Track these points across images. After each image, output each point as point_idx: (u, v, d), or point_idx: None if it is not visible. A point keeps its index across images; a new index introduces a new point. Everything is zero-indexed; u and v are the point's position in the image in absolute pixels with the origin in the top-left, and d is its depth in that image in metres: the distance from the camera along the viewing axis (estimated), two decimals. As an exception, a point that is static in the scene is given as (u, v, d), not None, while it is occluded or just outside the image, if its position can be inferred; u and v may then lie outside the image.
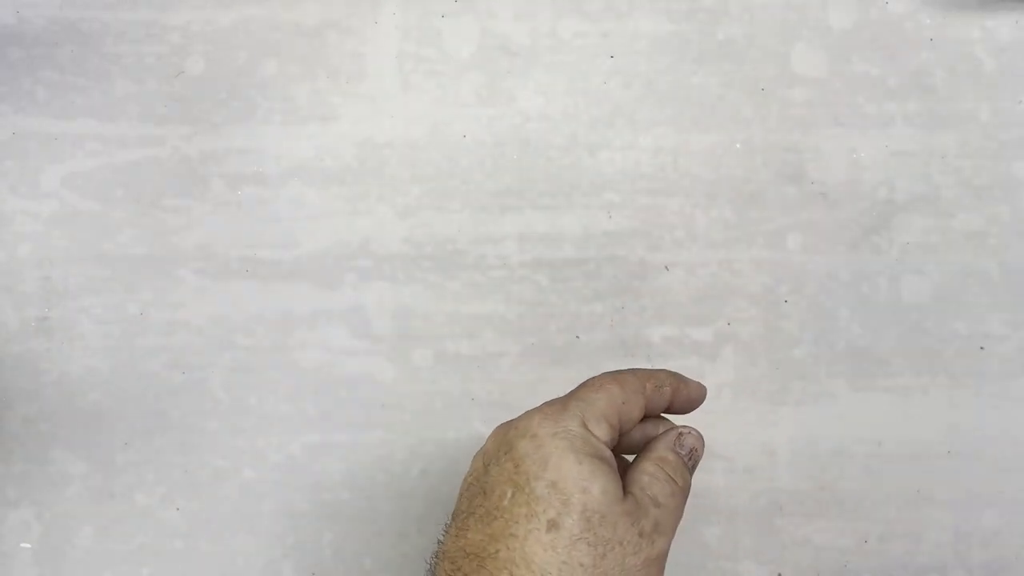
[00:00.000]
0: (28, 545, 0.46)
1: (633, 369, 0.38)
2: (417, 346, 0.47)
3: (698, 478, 0.47)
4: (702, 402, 0.39)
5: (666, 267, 0.47)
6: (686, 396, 0.38)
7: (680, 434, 0.37)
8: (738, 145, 0.48)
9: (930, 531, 0.46)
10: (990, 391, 0.47)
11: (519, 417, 0.36)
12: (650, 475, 0.35)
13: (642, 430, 0.38)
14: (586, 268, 0.47)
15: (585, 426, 0.35)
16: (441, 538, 0.35)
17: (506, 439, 0.35)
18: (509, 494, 0.33)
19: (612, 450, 0.36)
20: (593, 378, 0.37)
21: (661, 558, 0.34)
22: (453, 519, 0.35)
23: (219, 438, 0.47)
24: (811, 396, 0.47)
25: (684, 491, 0.36)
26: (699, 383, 0.39)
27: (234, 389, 0.47)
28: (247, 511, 0.46)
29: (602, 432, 0.35)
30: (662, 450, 0.37)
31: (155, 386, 0.47)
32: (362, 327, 0.47)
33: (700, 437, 0.37)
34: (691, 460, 0.37)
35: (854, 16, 0.48)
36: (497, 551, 0.32)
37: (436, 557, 0.35)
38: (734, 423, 0.47)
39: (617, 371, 0.37)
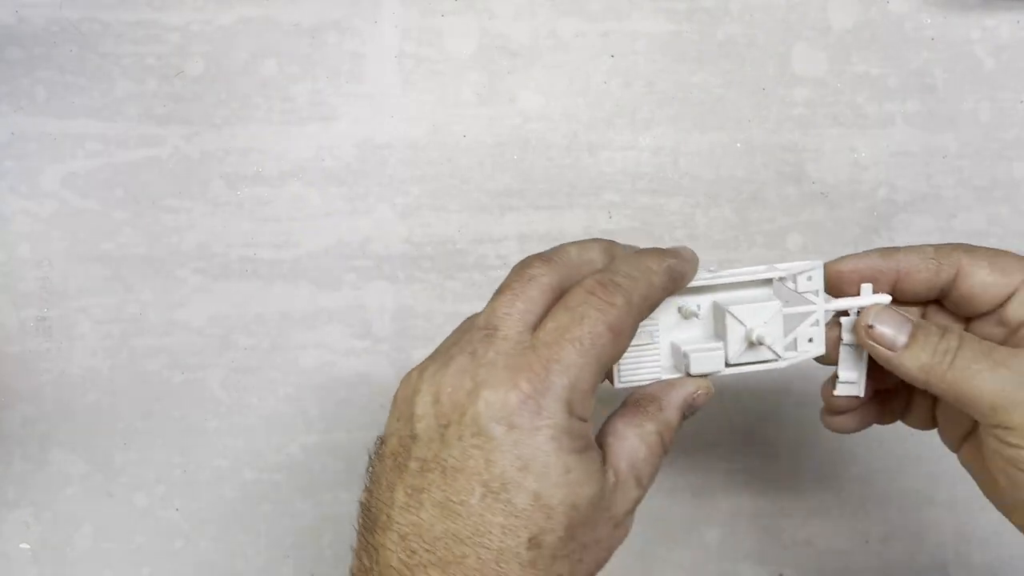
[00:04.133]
0: (27, 546, 0.46)
1: (625, 278, 0.31)
2: (417, 346, 0.47)
3: (698, 478, 0.47)
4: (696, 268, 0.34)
5: (666, 267, 0.47)
6: (682, 278, 0.33)
7: (695, 398, 0.33)
8: (738, 145, 0.48)
9: (930, 531, 0.46)
10: (990, 391, 0.47)
11: (489, 368, 0.29)
12: (649, 449, 0.31)
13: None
14: (586, 268, 0.47)
15: (571, 411, 0.29)
16: (371, 469, 0.31)
17: (473, 408, 0.29)
18: (478, 494, 0.28)
19: None
20: (582, 316, 0.29)
21: (625, 536, 0.31)
22: (393, 463, 0.30)
23: (219, 438, 0.47)
24: (811, 395, 0.47)
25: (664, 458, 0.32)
26: (682, 250, 0.33)
27: (234, 389, 0.47)
28: (247, 511, 0.46)
29: (588, 410, 0.30)
30: (672, 416, 0.32)
31: (155, 386, 0.47)
32: (362, 327, 0.47)
33: (710, 391, 0.33)
34: (691, 413, 0.33)
35: (854, 16, 0.48)
36: (464, 556, 0.28)
37: (379, 528, 0.29)
38: (735, 423, 0.47)
39: (608, 292, 0.30)
